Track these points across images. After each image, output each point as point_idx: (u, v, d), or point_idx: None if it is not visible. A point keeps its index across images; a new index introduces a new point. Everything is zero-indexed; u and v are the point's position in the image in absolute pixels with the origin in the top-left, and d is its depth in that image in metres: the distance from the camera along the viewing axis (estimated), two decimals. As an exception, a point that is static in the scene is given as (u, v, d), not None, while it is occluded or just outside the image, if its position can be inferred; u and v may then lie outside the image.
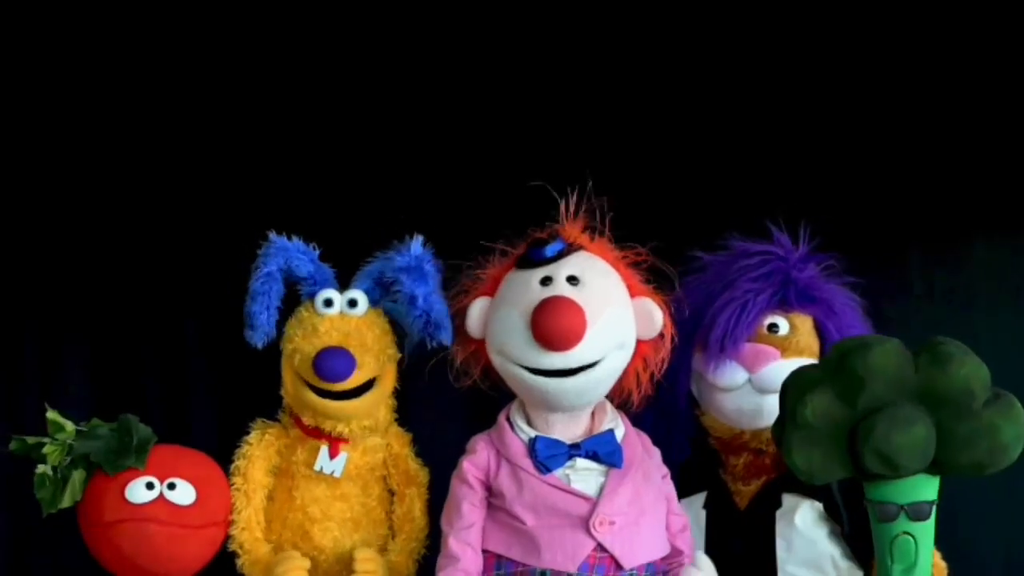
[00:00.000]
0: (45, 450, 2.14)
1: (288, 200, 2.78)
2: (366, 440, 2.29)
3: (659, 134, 2.89)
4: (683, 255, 2.24)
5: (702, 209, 2.80)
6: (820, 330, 2.27)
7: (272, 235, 2.26)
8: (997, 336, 2.15)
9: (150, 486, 2.15)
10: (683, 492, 2.27)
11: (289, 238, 2.27)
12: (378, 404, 2.28)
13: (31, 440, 2.15)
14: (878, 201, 2.85)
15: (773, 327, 2.26)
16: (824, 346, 2.25)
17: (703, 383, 2.30)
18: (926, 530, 1.96)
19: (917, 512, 1.95)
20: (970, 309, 2.85)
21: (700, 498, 2.30)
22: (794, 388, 2.00)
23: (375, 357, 2.25)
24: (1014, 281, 2.89)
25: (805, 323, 2.27)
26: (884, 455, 1.90)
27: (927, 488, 1.96)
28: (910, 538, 1.94)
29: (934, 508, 1.96)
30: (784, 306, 2.27)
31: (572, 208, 2.12)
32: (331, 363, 2.19)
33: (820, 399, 1.94)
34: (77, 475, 2.15)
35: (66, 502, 2.15)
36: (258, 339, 2.22)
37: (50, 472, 2.14)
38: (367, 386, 2.25)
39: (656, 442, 2.22)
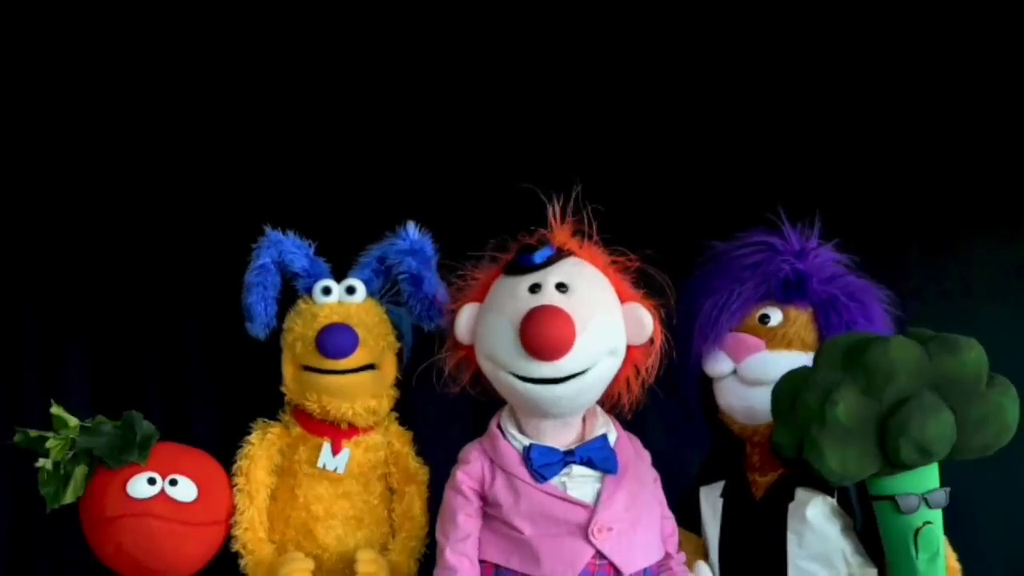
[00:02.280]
0: (48, 444, 2.15)
1: (287, 200, 2.78)
2: (368, 435, 2.29)
3: (652, 136, 2.90)
4: (675, 260, 2.19)
5: (700, 209, 2.80)
6: (820, 323, 2.23)
7: (267, 228, 2.27)
8: (996, 334, 2.15)
9: (152, 481, 2.15)
10: (706, 479, 2.29)
11: (284, 233, 2.28)
12: (381, 387, 2.28)
13: (34, 433, 2.16)
14: (877, 199, 2.86)
15: (764, 317, 2.24)
16: (822, 340, 2.20)
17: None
18: (939, 516, 1.98)
19: (935, 499, 1.96)
20: (970, 307, 2.87)
21: (720, 486, 2.29)
22: (812, 391, 1.95)
23: (376, 340, 2.25)
24: (1013, 279, 2.90)
25: (801, 316, 2.24)
26: (921, 444, 1.90)
27: (934, 475, 1.98)
28: (932, 526, 1.95)
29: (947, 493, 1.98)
30: (783, 298, 2.24)
31: (560, 213, 2.10)
32: (335, 338, 2.20)
33: (849, 397, 1.92)
34: (79, 470, 2.16)
35: (68, 497, 2.16)
36: (258, 330, 2.23)
37: (50, 467, 2.15)
38: (369, 368, 2.25)
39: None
